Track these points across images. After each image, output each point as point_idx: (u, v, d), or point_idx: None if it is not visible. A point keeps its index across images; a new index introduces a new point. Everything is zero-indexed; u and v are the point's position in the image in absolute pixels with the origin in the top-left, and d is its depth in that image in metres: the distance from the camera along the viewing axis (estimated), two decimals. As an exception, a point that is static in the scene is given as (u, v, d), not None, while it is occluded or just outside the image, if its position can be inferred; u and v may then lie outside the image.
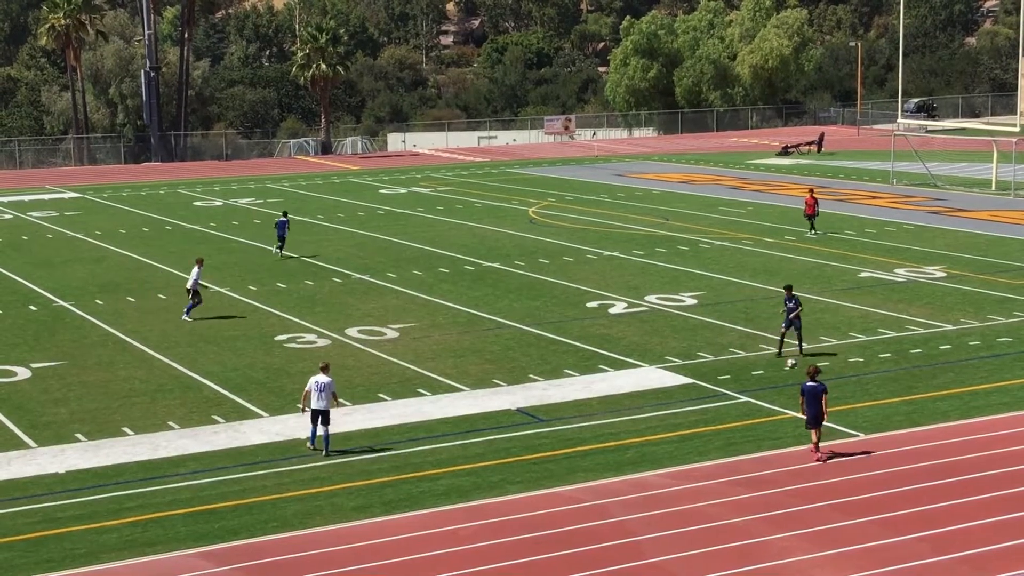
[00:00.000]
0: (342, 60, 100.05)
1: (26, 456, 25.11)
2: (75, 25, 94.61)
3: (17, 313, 38.61)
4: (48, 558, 20.02)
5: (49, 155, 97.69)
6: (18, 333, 35.76)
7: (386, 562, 19.62)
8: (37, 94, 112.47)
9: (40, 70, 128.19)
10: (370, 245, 50.62)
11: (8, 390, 29.81)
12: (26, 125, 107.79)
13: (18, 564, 19.80)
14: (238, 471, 24.06)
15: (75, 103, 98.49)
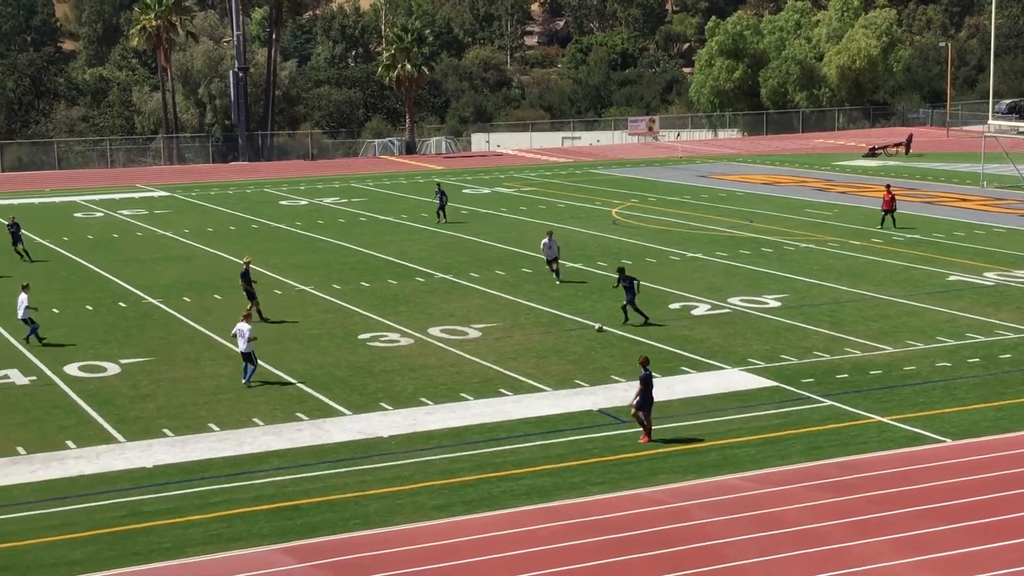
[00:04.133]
0: (427, 60, 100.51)
1: (115, 450, 25.54)
2: (166, 26, 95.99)
3: (108, 310, 39.26)
4: (135, 551, 20.35)
5: (139, 154, 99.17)
6: (108, 330, 36.36)
7: (466, 561, 19.70)
8: (128, 94, 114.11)
9: (132, 70, 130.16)
10: (453, 245, 50.82)
11: (98, 385, 30.34)
12: (117, 125, 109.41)
13: (106, 556, 20.14)
14: (320, 468, 24.29)
15: (165, 103, 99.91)
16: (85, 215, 62.65)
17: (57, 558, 20.07)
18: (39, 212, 63.80)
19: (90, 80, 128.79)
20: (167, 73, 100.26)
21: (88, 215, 62.62)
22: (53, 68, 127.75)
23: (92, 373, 31.43)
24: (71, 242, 52.92)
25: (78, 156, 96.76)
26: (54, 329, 35.62)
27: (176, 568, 19.74)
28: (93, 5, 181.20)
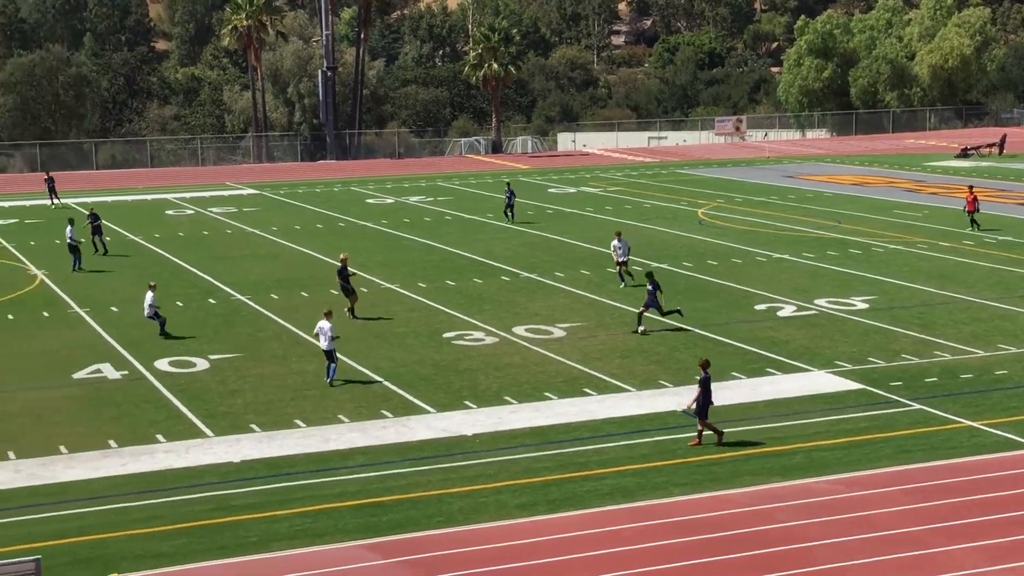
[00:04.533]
0: (514, 60, 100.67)
1: (203, 445, 25.87)
2: (256, 26, 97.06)
3: (198, 306, 39.78)
4: (222, 544, 20.60)
5: (229, 152, 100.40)
6: (198, 326, 36.83)
7: (548, 560, 19.70)
8: (219, 93, 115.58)
9: (222, 70, 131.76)
10: (539, 244, 50.84)
11: (187, 380, 30.75)
12: (208, 123, 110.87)
13: (195, 549, 20.41)
14: (404, 466, 24.42)
15: (255, 102, 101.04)
16: (176, 212, 63.54)
17: (145, 550, 20.37)
18: (131, 209, 64.80)
19: (182, 79, 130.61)
20: (257, 72, 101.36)
21: (179, 212, 63.50)
22: (146, 68, 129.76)
23: (182, 368, 31.87)
24: (162, 239, 53.69)
25: (170, 154, 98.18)
26: (145, 326, 36.15)
27: (262, 562, 19.94)
28: (186, 5, 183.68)
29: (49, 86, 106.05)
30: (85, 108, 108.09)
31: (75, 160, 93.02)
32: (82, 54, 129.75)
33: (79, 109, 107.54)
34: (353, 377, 30.80)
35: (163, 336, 34.77)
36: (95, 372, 31.54)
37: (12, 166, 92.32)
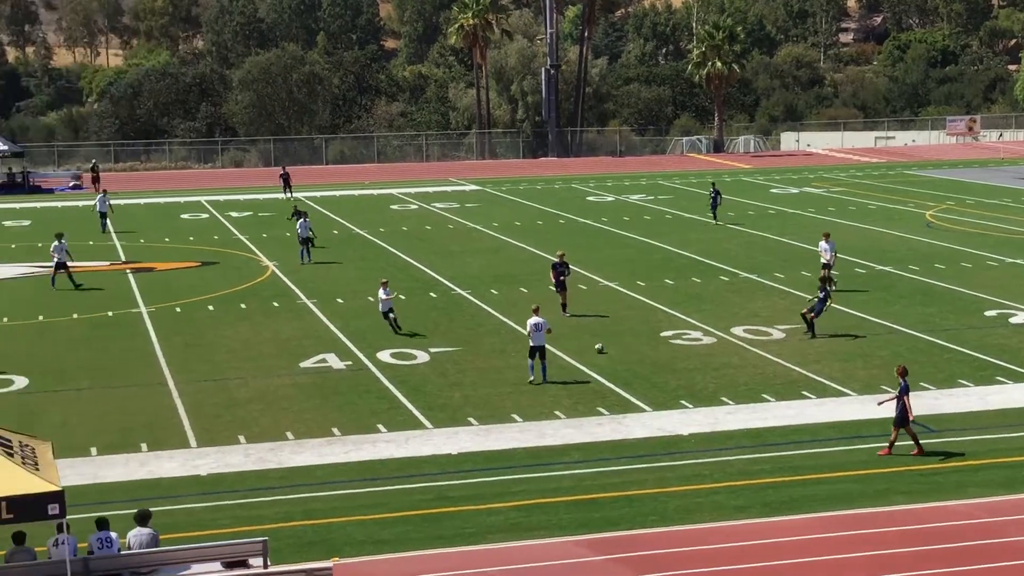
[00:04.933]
0: (738, 58, 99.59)
1: (422, 436, 26.41)
2: (482, 25, 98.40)
3: (419, 300, 40.59)
4: (440, 534, 21.01)
5: (453, 149, 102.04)
6: (419, 319, 37.58)
7: (762, 564, 19.47)
8: (445, 91, 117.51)
9: (448, 68, 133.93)
10: (758, 244, 50.22)
11: (408, 373, 31.42)
12: (433, 120, 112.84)
13: (414, 538, 20.87)
14: (619, 463, 24.46)
15: (479, 99, 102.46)
16: (400, 207, 64.92)
17: (367, 536, 20.93)
18: (358, 203, 66.48)
19: (409, 77, 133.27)
20: (482, 70, 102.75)
21: (403, 207, 64.86)
22: (375, 65, 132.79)
23: (404, 361, 32.58)
24: (387, 233, 54.93)
25: (396, 150, 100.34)
26: (368, 317, 37.07)
27: (479, 553, 20.26)
28: (415, 5, 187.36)
29: (284, 84, 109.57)
30: (317, 105, 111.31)
31: (306, 155, 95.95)
32: (315, 52, 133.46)
33: (311, 106, 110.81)
34: (570, 374, 30.98)
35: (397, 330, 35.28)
36: (321, 362, 32.50)
37: (248, 161, 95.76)
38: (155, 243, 52.51)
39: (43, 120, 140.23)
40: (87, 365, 32.42)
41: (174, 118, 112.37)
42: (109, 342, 35.00)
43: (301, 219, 48.02)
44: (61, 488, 17.09)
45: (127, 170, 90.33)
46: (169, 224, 58.97)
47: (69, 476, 21.72)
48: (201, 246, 51.79)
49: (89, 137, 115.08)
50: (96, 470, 24.36)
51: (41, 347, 33.95)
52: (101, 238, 54.13)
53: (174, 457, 25.13)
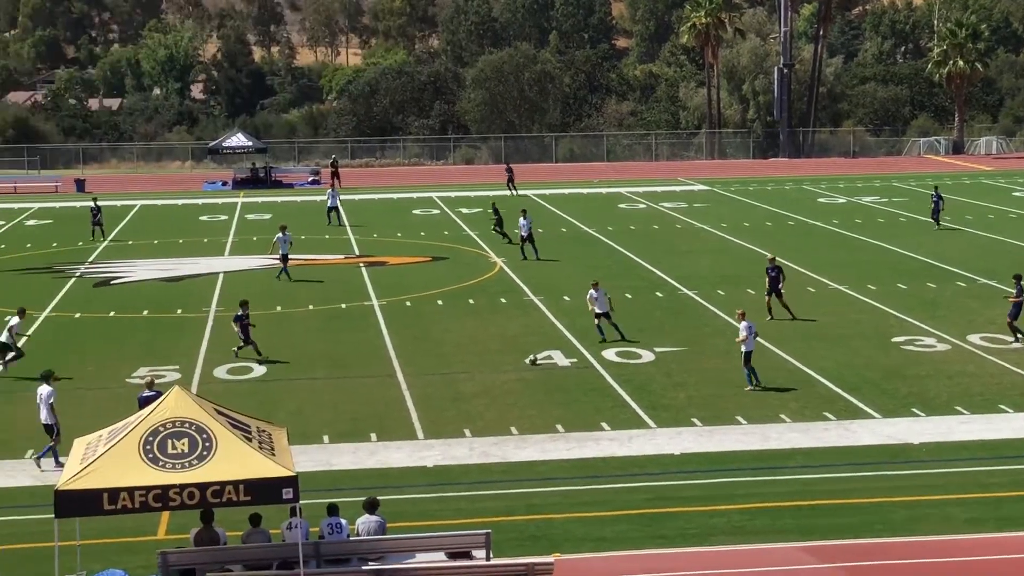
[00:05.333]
0: (981, 57, 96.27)
1: (645, 435, 26.40)
2: (715, 23, 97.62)
3: (645, 299, 40.55)
4: (662, 534, 20.98)
5: (682, 148, 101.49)
6: (645, 318, 37.55)
7: (996, 580, 18.85)
8: (675, 90, 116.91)
9: (679, 67, 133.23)
10: (995, 249, 48.49)
11: (633, 371, 31.44)
12: (663, 119, 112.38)
13: (634, 537, 20.90)
14: (846, 470, 23.99)
15: (710, 99, 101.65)
16: (628, 206, 64.92)
17: (587, 533, 21.04)
18: (587, 202, 66.75)
19: (640, 76, 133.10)
20: (713, 69, 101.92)
21: (631, 206, 64.84)
22: (606, 64, 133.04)
23: (628, 359, 32.61)
24: (614, 232, 55.01)
25: (625, 149, 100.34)
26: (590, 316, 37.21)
27: (700, 555, 20.17)
28: (647, 4, 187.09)
29: (515, 82, 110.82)
30: (548, 103, 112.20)
31: (536, 153, 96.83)
32: (547, 51, 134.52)
33: (542, 104, 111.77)
34: (797, 378, 30.52)
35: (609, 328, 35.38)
36: (546, 358, 32.78)
37: (479, 158, 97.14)
38: (387, 238, 53.81)
39: (285, 117, 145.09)
40: (321, 355, 33.47)
41: (408, 116, 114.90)
42: (342, 333, 36.05)
43: (522, 218, 48.34)
44: (295, 473, 17.72)
45: (363, 166, 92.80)
46: (401, 219, 60.34)
47: (302, 462, 22.46)
48: (432, 241, 52.84)
49: (328, 134, 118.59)
50: (328, 457, 25.14)
51: (279, 337, 35.16)
52: (336, 232, 55.75)
53: (402, 448, 25.74)
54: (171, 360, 32.68)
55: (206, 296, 41.49)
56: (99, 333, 36.52)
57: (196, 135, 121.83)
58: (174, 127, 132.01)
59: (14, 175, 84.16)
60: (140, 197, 71.45)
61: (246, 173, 79.05)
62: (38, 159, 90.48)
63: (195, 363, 32.59)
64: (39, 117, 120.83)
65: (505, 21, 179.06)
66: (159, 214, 64.00)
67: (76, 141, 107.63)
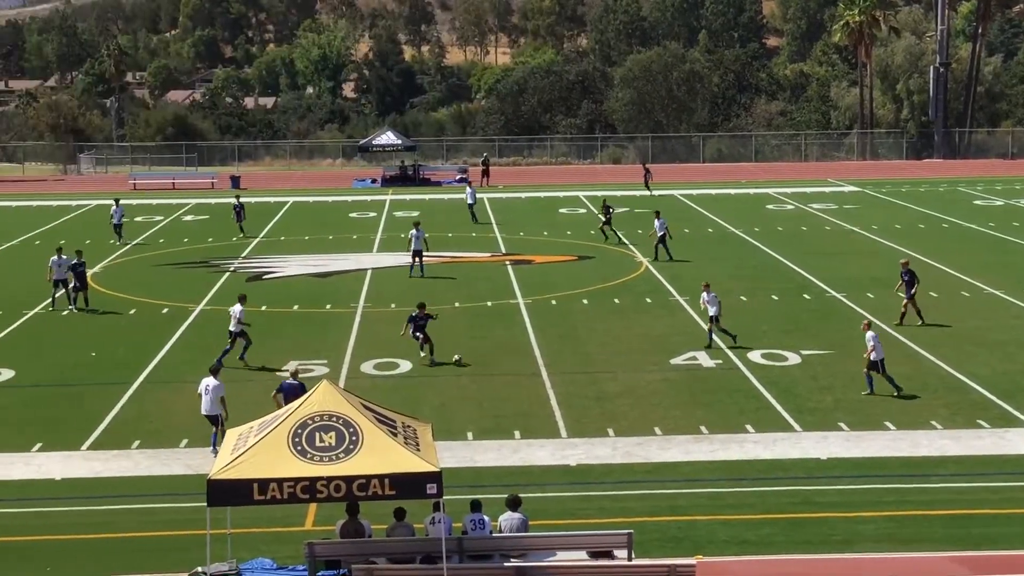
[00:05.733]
0: None
1: (790, 439, 26.09)
2: (869, 22, 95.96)
3: (791, 300, 40.05)
4: (806, 539, 20.71)
5: (832, 149, 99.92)
6: (791, 320, 37.09)
7: None
8: (827, 89, 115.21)
9: (831, 66, 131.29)
10: None
11: (779, 374, 31.08)
12: (813, 119, 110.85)
13: (777, 541, 20.67)
14: (999, 479, 23.40)
15: (862, 98, 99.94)
16: (776, 207, 64.16)
17: (730, 536, 20.87)
18: (734, 202, 66.15)
19: (791, 75, 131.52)
20: (866, 68, 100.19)
21: (779, 207, 64.06)
22: (756, 63, 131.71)
23: (774, 362, 32.25)
24: (761, 232, 54.42)
25: (773, 149, 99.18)
26: (740, 316, 36.91)
27: (846, 562, 19.86)
28: (799, 2, 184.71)
29: (664, 81, 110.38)
30: (696, 103, 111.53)
31: (683, 153, 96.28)
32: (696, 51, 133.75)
33: (690, 104, 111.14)
34: (949, 384, 29.86)
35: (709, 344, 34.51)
36: (691, 359, 32.60)
37: (625, 157, 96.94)
38: (534, 236, 54.00)
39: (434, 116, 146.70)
40: (466, 352, 33.71)
41: (556, 115, 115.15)
42: (488, 331, 36.30)
43: (657, 219, 48.00)
44: (439, 469, 17.91)
45: (510, 165, 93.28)
46: (548, 218, 60.50)
47: (446, 458, 22.68)
48: (578, 240, 52.88)
49: (476, 132, 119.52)
50: (471, 454, 25.34)
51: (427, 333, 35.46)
52: (483, 229, 56.12)
53: (545, 446, 25.82)
54: (319, 354, 33.27)
55: (354, 292, 42.14)
56: (251, 327, 37.30)
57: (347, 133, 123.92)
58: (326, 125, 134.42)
59: (172, 171, 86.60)
60: (292, 194, 72.86)
61: (395, 171, 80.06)
62: (195, 156, 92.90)
63: (343, 358, 33.13)
64: (197, 115, 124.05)
65: (654, 20, 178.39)
66: (310, 211, 65.18)
67: (232, 139, 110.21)
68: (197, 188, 76.83)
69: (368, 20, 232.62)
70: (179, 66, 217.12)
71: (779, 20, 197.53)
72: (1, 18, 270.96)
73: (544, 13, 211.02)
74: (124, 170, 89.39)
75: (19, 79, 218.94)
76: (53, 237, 54.67)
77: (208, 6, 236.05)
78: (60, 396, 29.97)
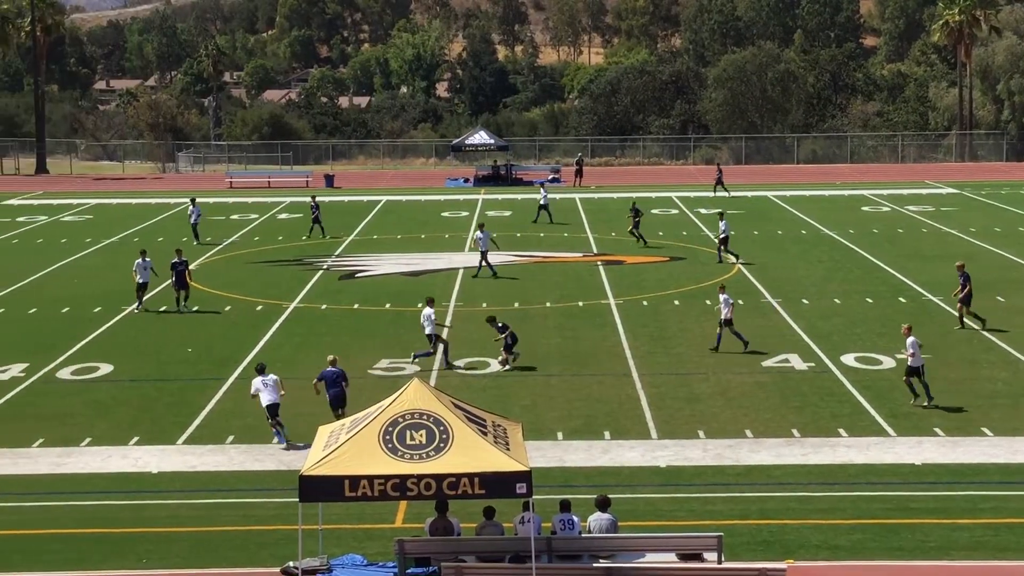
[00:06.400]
0: None
1: (884, 443, 25.75)
2: (969, 21, 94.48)
3: (887, 304, 39.53)
4: (899, 546, 20.43)
5: (930, 150, 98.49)
6: (886, 323, 36.55)
7: None
8: (925, 90, 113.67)
9: (929, 66, 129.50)
10: None
11: (873, 377, 30.68)
12: (911, 120, 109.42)
13: (870, 547, 20.41)
14: (1101, 488, 22.91)
15: (961, 99, 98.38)
16: (872, 209, 63.37)
17: (821, 541, 20.65)
18: (828, 204, 65.45)
19: (888, 76, 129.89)
20: (966, 69, 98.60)
21: (875, 209, 63.26)
22: (853, 63, 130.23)
23: (868, 365, 31.85)
24: (856, 235, 53.78)
25: (869, 151, 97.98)
26: (834, 319, 36.51)
27: (939, 569, 19.58)
28: (897, 1, 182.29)
29: (758, 82, 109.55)
30: (791, 103, 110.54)
31: (777, 154, 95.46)
32: (791, 50, 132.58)
33: (785, 104, 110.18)
34: (1048, 390, 29.33)
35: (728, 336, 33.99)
36: (783, 361, 32.31)
37: (719, 158, 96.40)
38: (626, 237, 53.85)
39: (526, 115, 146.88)
40: (557, 352, 33.74)
41: (649, 115, 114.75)
42: (579, 331, 36.26)
43: (722, 221, 47.55)
44: (529, 468, 17.94)
45: (602, 165, 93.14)
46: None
47: (536, 458, 22.69)
48: (669, 241, 52.64)
49: (568, 132, 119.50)
50: (561, 454, 25.34)
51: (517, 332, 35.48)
52: (575, 230, 56.06)
53: (635, 447, 25.75)
54: (411, 353, 33.44)
55: (446, 291, 42.32)
56: (343, 325, 37.67)
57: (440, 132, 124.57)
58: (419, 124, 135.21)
59: (268, 170, 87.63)
60: (385, 193, 73.39)
61: (487, 170, 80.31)
62: (290, 155, 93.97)
63: (434, 357, 33.27)
64: (292, 114, 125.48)
65: (749, 20, 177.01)
66: (403, 210, 65.61)
67: (326, 138, 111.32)
68: (292, 187, 77.67)
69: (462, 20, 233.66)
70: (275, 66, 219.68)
71: (876, 19, 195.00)
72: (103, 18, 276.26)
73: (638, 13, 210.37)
74: (221, 169, 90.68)
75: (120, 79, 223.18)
76: (152, 234, 55.64)
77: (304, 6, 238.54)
78: (157, 391, 30.47)
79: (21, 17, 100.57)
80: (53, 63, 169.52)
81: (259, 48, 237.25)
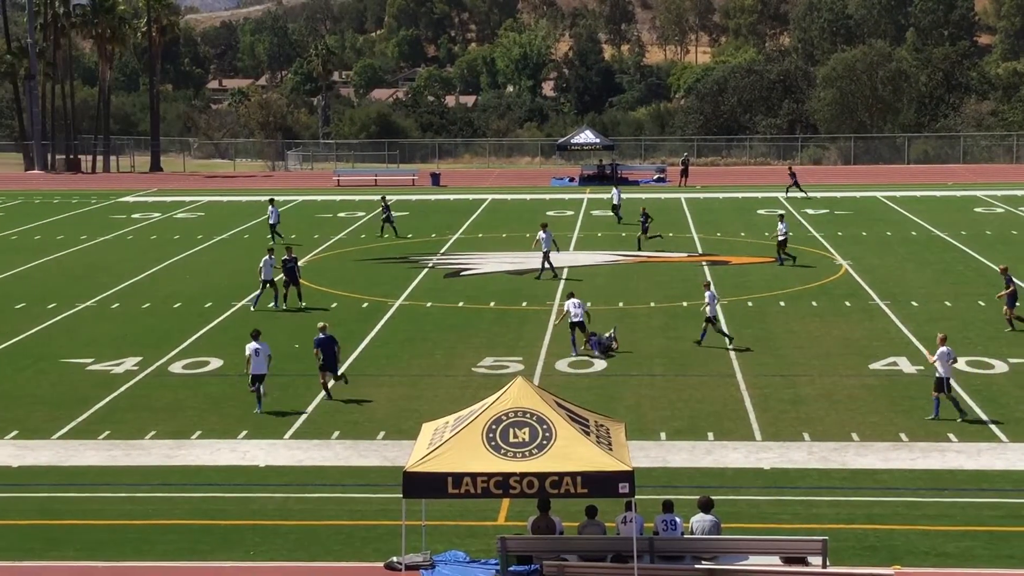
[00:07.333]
0: None
1: (996, 449, 25.30)
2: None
3: (999, 307, 38.69)
4: (1010, 554, 20.04)
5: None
6: (999, 325, 35.83)
7: None
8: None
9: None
10: None
11: (984, 382, 30.16)
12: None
13: (980, 555, 20.05)
14: None
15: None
16: (985, 210, 62.15)
17: (929, 548, 20.35)
18: (940, 205, 64.37)
19: (1003, 74, 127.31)
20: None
21: (988, 210, 62.02)
22: (967, 62, 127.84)
23: (979, 369, 31.30)
24: (968, 236, 52.80)
25: (983, 151, 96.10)
26: (945, 321, 35.93)
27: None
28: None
29: (868, 81, 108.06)
30: (902, 103, 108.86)
31: (887, 154, 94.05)
32: (903, 49, 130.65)
33: (895, 104, 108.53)
34: None
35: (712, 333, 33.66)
36: (891, 364, 31.87)
37: (827, 158, 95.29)
38: (731, 237, 53.48)
39: (632, 115, 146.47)
40: (661, 352, 33.64)
41: (756, 114, 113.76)
42: (682, 331, 36.08)
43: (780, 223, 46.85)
44: (632, 468, 17.93)
45: (708, 164, 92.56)
46: (746, 219, 59.82)
47: (638, 458, 22.65)
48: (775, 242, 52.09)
49: (674, 132, 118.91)
50: (664, 454, 25.26)
51: (621, 332, 35.46)
52: (679, 229, 55.76)
53: (738, 448, 25.58)
54: (514, 351, 33.57)
55: (550, 290, 42.37)
56: (448, 323, 37.89)
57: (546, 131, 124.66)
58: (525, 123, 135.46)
59: (375, 168, 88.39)
60: (491, 191, 73.64)
61: (593, 170, 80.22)
62: (397, 153, 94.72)
63: (538, 355, 33.37)
64: (399, 113, 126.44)
65: (860, 18, 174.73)
66: (508, 208, 65.79)
67: (433, 136, 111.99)
68: (398, 185, 78.25)
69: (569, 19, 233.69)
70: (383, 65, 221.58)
71: (992, 17, 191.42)
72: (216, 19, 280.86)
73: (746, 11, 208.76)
74: (329, 167, 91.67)
75: (232, 78, 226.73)
76: (262, 232, 56.42)
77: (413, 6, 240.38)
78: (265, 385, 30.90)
79: (137, 18, 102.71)
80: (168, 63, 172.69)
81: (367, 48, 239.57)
